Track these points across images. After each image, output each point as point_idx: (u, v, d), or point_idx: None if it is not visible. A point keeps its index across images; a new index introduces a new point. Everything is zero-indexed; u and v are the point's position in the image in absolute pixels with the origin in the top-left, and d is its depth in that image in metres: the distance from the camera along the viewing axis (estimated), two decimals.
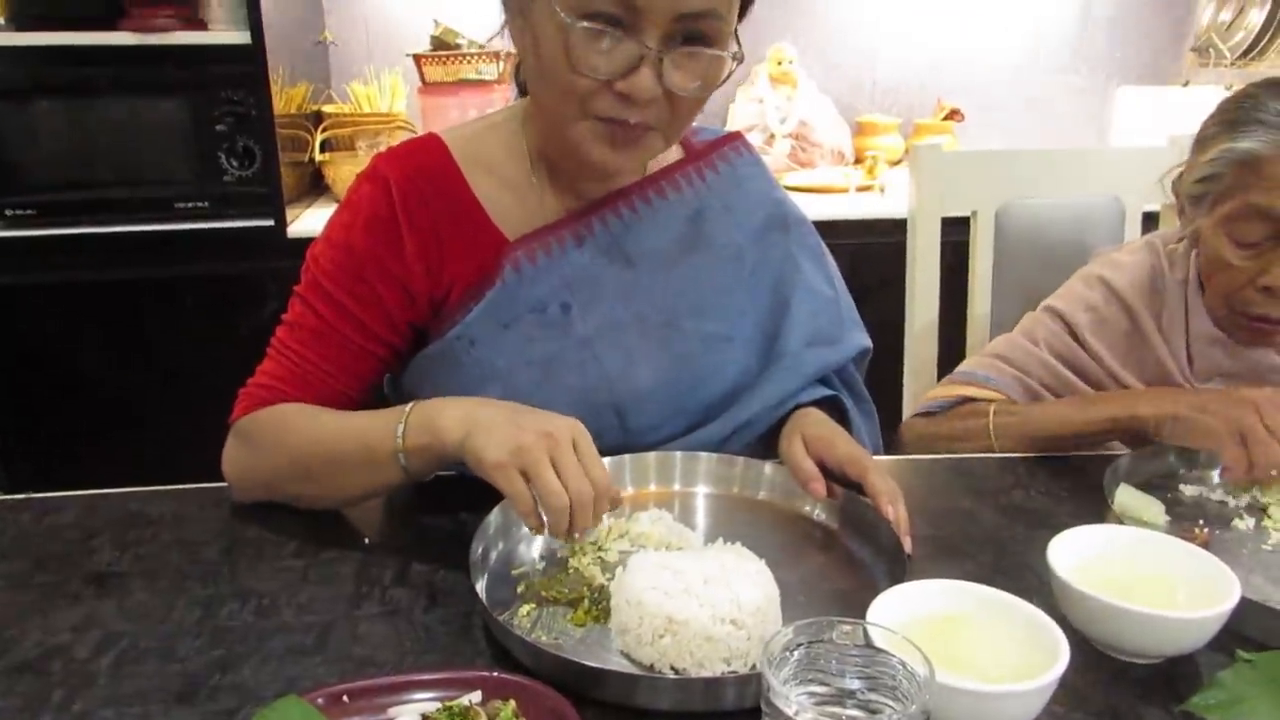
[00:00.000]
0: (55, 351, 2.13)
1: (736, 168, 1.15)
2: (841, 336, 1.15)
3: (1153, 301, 1.22)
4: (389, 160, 1.03)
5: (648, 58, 0.88)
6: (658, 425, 1.07)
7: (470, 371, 1.02)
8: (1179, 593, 0.80)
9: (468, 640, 0.80)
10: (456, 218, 1.03)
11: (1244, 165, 1.09)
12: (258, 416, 1.01)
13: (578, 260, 1.04)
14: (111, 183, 2.07)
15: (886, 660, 0.65)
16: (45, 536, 0.97)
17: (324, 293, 1.01)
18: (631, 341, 1.05)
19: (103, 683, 0.75)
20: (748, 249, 1.12)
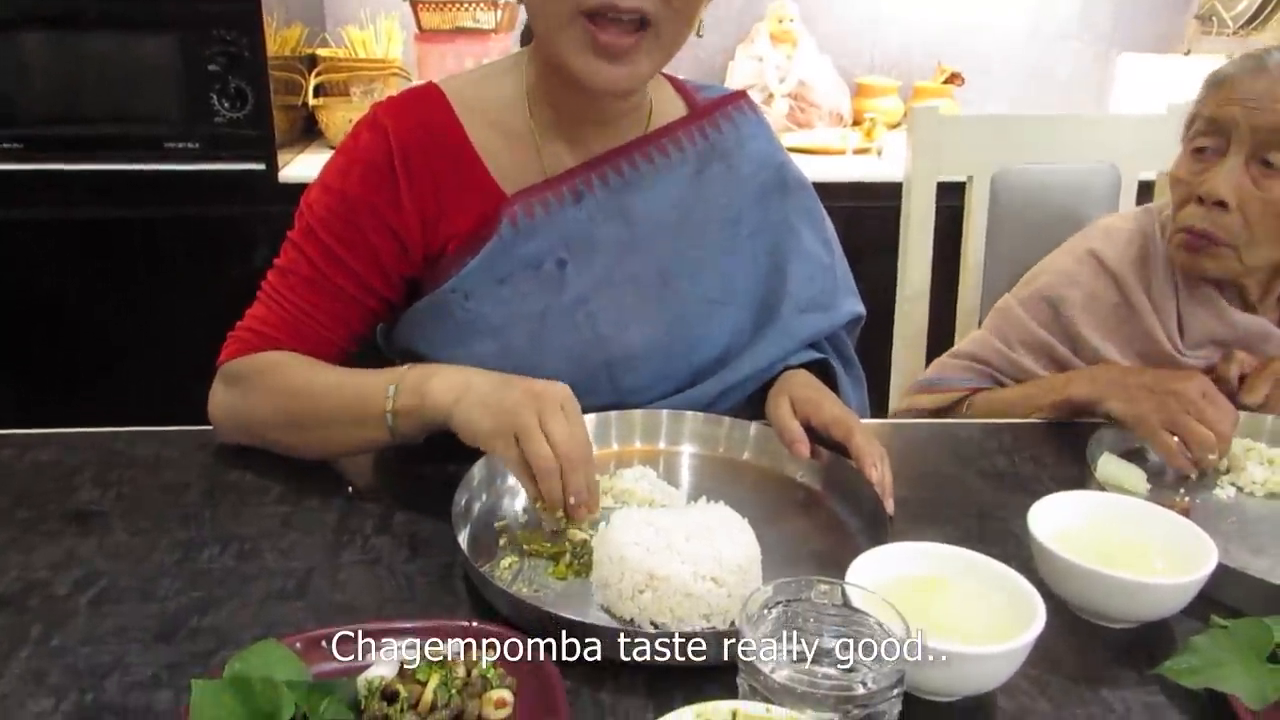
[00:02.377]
0: (40, 287, 2.11)
1: (740, 127, 1.13)
2: (836, 303, 1.15)
3: (1142, 271, 1.22)
4: (389, 109, 1.02)
5: None
6: (649, 385, 1.07)
7: (464, 325, 1.01)
8: (1156, 559, 0.80)
9: (448, 591, 0.81)
10: (455, 170, 1.02)
11: (1216, 84, 1.15)
12: (248, 361, 1.00)
13: (576, 217, 1.03)
14: (101, 119, 2.03)
15: (863, 620, 0.65)
16: (27, 472, 0.97)
17: (317, 239, 1.00)
18: (627, 301, 1.05)
19: (81, 620, 0.76)
20: (747, 211, 1.11)
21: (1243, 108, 1.09)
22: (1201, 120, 1.14)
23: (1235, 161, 1.10)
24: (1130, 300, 1.21)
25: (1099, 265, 1.24)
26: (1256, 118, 1.08)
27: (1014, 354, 1.25)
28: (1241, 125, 1.09)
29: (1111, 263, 1.23)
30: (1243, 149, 1.10)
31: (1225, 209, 1.10)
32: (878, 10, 2.87)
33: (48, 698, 0.67)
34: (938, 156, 1.53)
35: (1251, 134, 1.09)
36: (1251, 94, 1.09)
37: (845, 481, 0.94)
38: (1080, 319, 1.22)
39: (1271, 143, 1.08)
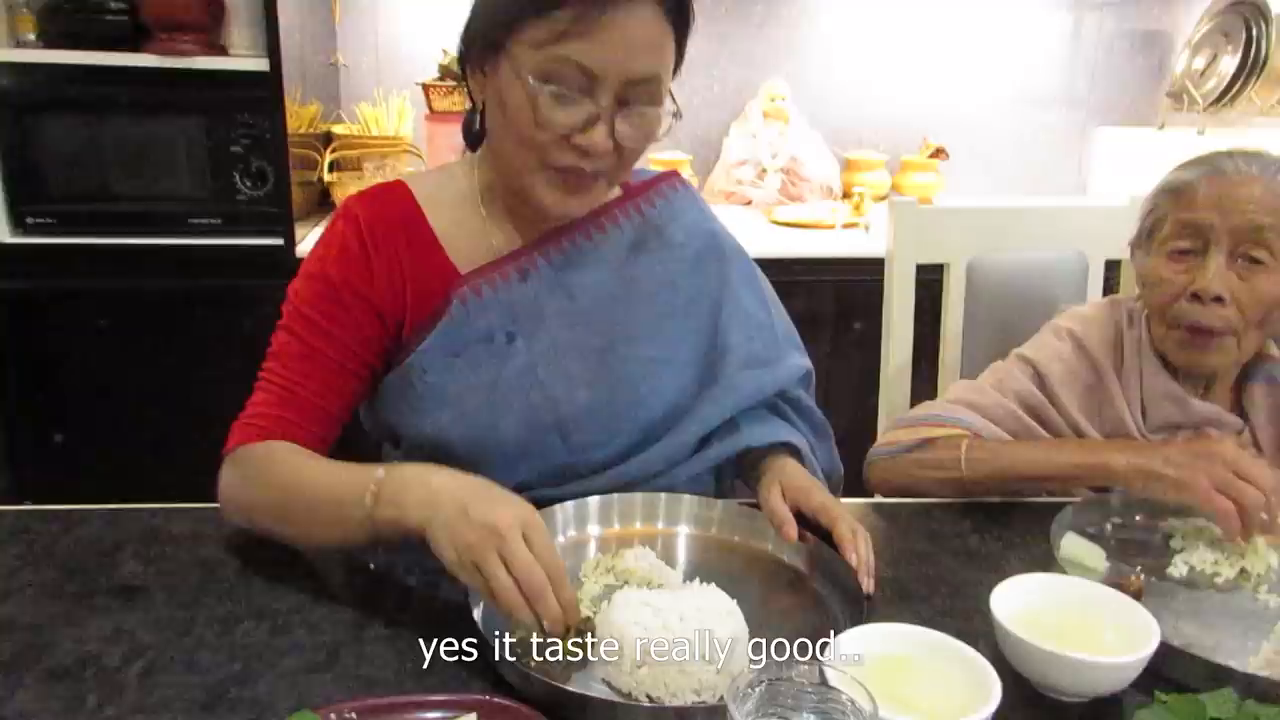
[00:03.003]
0: (68, 357, 2.21)
1: (672, 201, 1.24)
2: (778, 359, 1.23)
3: (1114, 356, 1.31)
4: (359, 200, 1.14)
5: (602, 116, 1.01)
6: (600, 443, 1.15)
7: (424, 397, 1.11)
8: (1108, 637, 0.88)
9: (464, 664, 0.88)
10: (415, 248, 1.13)
11: (1174, 192, 1.24)
12: (248, 450, 1.07)
13: (522, 292, 1.14)
14: (129, 196, 2.15)
15: (837, 697, 0.73)
16: (72, 547, 1.06)
17: (305, 319, 1.10)
18: (572, 366, 1.14)
19: (131, 691, 0.83)
20: (683, 279, 1.21)
21: (1217, 212, 1.18)
22: (1174, 225, 1.23)
23: (1219, 259, 1.19)
24: (1104, 382, 1.30)
25: (1078, 346, 1.32)
26: (1232, 220, 1.18)
27: (1008, 402, 1.30)
28: (1218, 228, 1.18)
29: (1088, 346, 1.32)
30: (1222, 248, 1.19)
31: (1222, 303, 1.18)
32: (866, 88, 3.00)
33: None
34: (917, 244, 1.64)
35: (1229, 235, 1.18)
36: (1220, 199, 1.19)
37: (828, 564, 1.02)
38: (1061, 392, 1.30)
39: (1248, 241, 1.18)
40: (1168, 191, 1.26)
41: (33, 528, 1.09)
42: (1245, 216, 1.17)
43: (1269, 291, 1.18)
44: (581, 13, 0.96)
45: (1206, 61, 2.95)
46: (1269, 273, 1.18)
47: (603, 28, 0.97)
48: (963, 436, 1.27)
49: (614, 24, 0.97)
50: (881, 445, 1.34)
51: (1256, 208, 1.17)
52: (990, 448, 1.25)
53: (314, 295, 1.10)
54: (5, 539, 1.06)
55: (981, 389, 1.34)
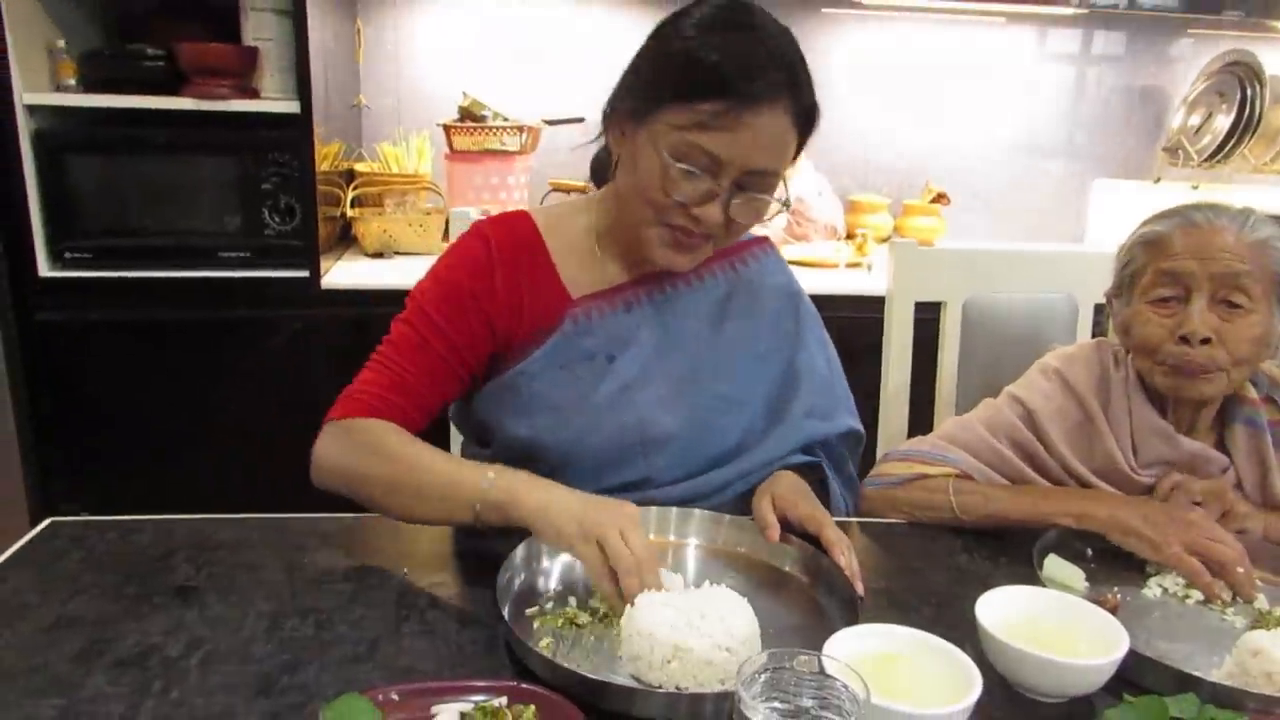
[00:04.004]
0: (102, 383, 2.30)
1: (763, 263, 1.38)
2: (835, 415, 1.36)
3: (1101, 395, 1.37)
4: (490, 223, 1.28)
5: (720, 195, 1.14)
6: (673, 466, 1.27)
7: (528, 402, 1.23)
8: (1081, 645, 0.96)
9: (494, 656, 0.97)
10: (535, 273, 1.26)
11: (1151, 244, 1.31)
12: (359, 423, 1.18)
13: (625, 322, 1.27)
14: (163, 231, 2.25)
15: (834, 684, 0.81)
16: (130, 553, 1.14)
17: (426, 316, 1.22)
18: (661, 393, 1.26)
19: (193, 677, 0.92)
20: (764, 332, 1.34)
21: (1196, 260, 1.26)
22: (1154, 275, 1.29)
23: (1201, 303, 1.26)
24: (1092, 420, 1.35)
25: (1065, 385, 1.38)
26: (1211, 267, 1.25)
27: (999, 444, 1.36)
28: (1198, 275, 1.25)
29: (1076, 385, 1.37)
30: (1204, 294, 1.26)
31: (1210, 344, 1.25)
32: (871, 133, 3.11)
33: None
34: (916, 283, 1.73)
35: (1209, 281, 1.25)
36: (1196, 247, 1.26)
37: (823, 570, 1.11)
38: (1050, 430, 1.35)
39: (1227, 287, 1.25)
40: (1144, 244, 1.32)
41: (90, 536, 1.18)
42: (1223, 264, 1.24)
43: (1250, 332, 1.25)
44: (724, 110, 1.09)
45: (1202, 119, 3.06)
46: (1247, 315, 1.25)
47: (739, 125, 1.10)
48: (951, 476, 1.34)
49: (749, 124, 1.10)
50: (875, 477, 1.41)
51: (1231, 255, 1.25)
52: (982, 493, 1.31)
53: (438, 297, 1.23)
54: (67, 546, 1.15)
55: (973, 427, 1.40)
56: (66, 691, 0.89)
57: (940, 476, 1.34)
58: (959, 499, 1.31)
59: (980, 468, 1.35)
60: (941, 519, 1.32)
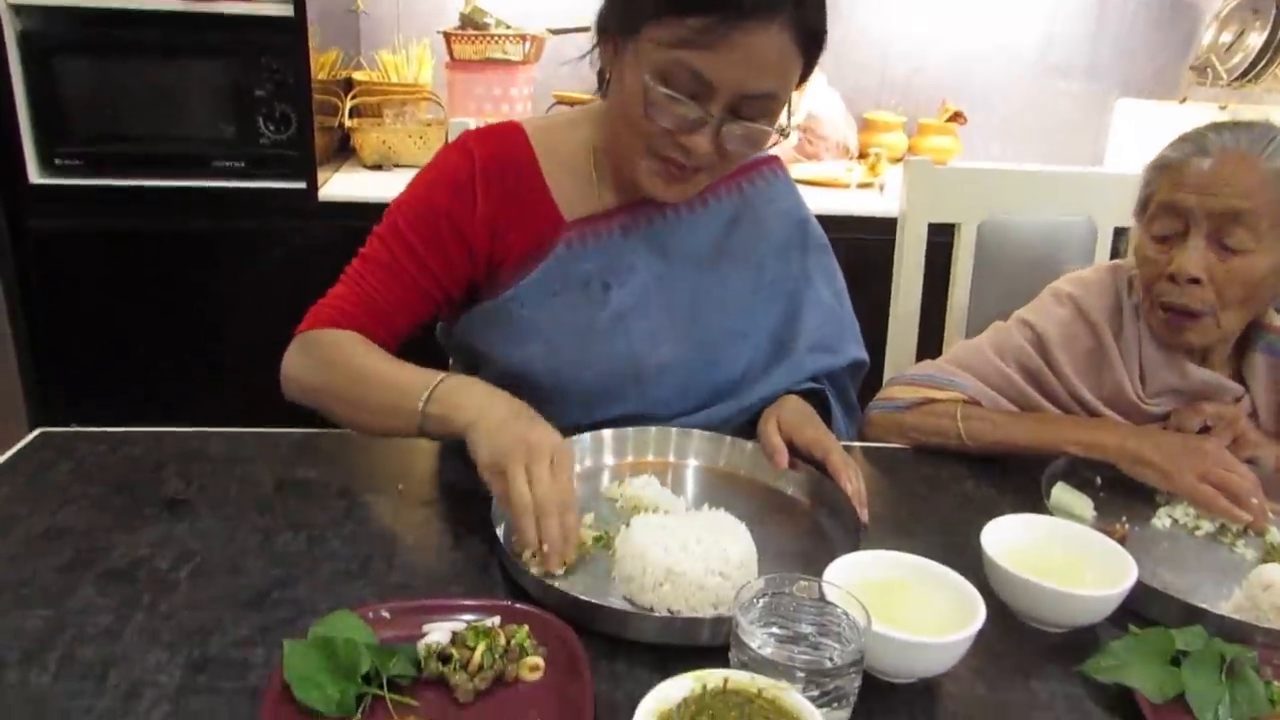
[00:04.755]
0: (93, 294, 2.26)
1: (771, 186, 1.30)
2: (842, 347, 1.31)
3: (1114, 321, 1.33)
4: (477, 137, 1.19)
5: (709, 123, 1.05)
6: (671, 400, 1.22)
7: (517, 329, 1.18)
8: (1089, 575, 0.94)
9: (487, 576, 0.95)
10: (525, 194, 1.18)
11: (1163, 170, 1.24)
12: (322, 334, 1.14)
13: (622, 247, 1.20)
14: (155, 139, 2.19)
15: (834, 611, 0.79)
16: (120, 465, 1.12)
17: (401, 236, 1.16)
18: (659, 323, 1.21)
19: (183, 590, 0.90)
20: (770, 261, 1.28)
21: (1196, 195, 1.19)
22: (1157, 206, 1.23)
23: (1197, 241, 1.20)
24: (1103, 347, 1.32)
25: (1078, 311, 1.34)
26: (1210, 204, 1.18)
27: (1007, 369, 1.33)
28: (1197, 211, 1.19)
29: (1088, 311, 1.34)
30: (1201, 231, 1.19)
31: (1198, 284, 1.20)
32: (887, 47, 3.01)
33: (163, 652, 0.82)
34: (930, 204, 1.68)
35: (1207, 219, 1.19)
36: (1201, 180, 1.19)
37: (826, 495, 1.09)
38: (1060, 356, 1.32)
39: (1226, 226, 1.18)
40: (1158, 168, 1.26)
41: (80, 447, 1.15)
42: (1225, 201, 1.17)
43: (1248, 274, 1.19)
44: (710, 25, 0.99)
45: (1234, 36, 2.94)
46: (1249, 255, 1.18)
47: (727, 43, 0.99)
48: (959, 402, 1.31)
49: (740, 41, 0.99)
50: (880, 401, 1.38)
51: (1235, 191, 1.17)
52: (990, 419, 1.28)
53: (415, 216, 1.16)
54: (56, 457, 1.13)
55: (981, 351, 1.37)
56: (54, 602, 0.87)
57: (947, 402, 1.32)
58: (966, 425, 1.28)
59: (988, 393, 1.32)
60: (947, 445, 1.29)
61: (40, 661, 0.80)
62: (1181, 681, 0.82)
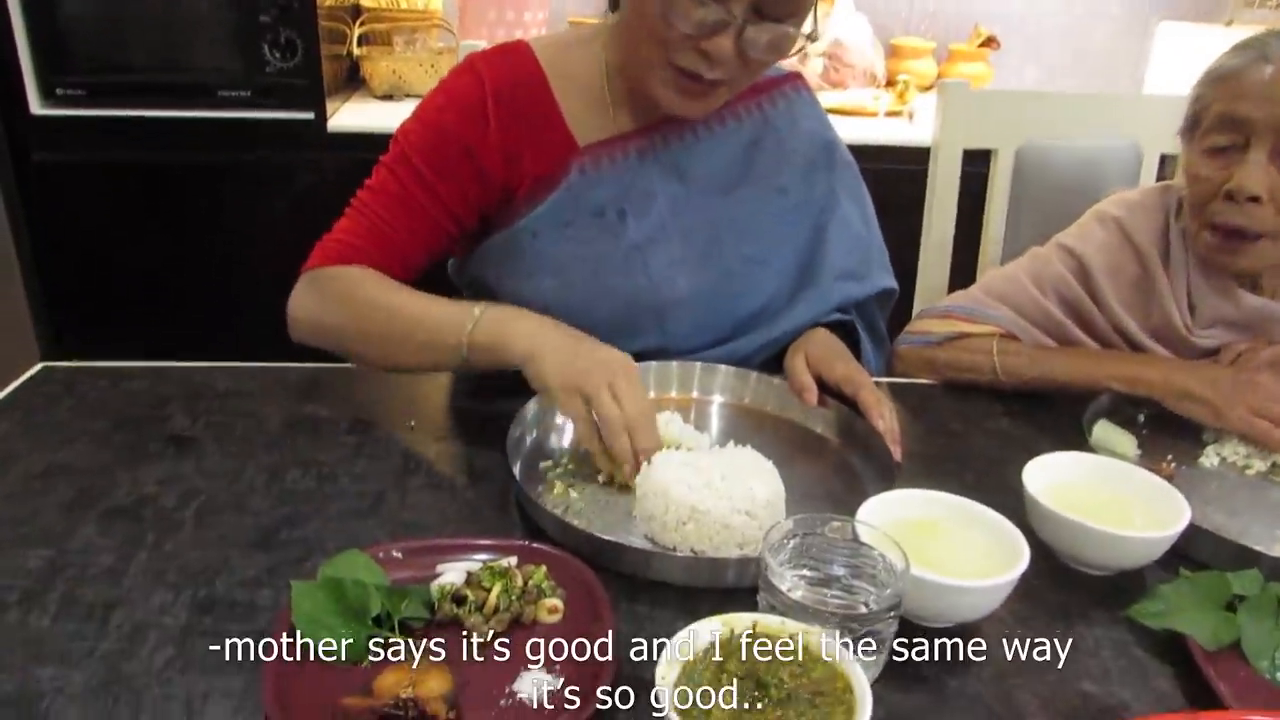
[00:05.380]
0: (97, 227, 2.22)
1: (795, 105, 1.22)
2: (869, 274, 1.24)
3: (1161, 246, 1.26)
4: (485, 59, 1.12)
5: (732, 24, 0.98)
6: (691, 334, 1.17)
7: (530, 261, 1.12)
8: (1136, 516, 0.89)
9: (504, 514, 0.91)
10: (536, 119, 1.12)
11: (1220, 80, 1.15)
12: (333, 271, 1.09)
13: (639, 172, 1.14)
14: (159, 68, 2.12)
15: (869, 553, 0.75)
16: (123, 401, 1.09)
17: (410, 164, 1.10)
18: (677, 253, 1.15)
19: (188, 529, 0.87)
20: (794, 184, 1.20)
21: (1258, 105, 1.10)
22: (1214, 118, 1.15)
23: (1258, 156, 1.11)
24: (1150, 275, 1.24)
25: (1124, 236, 1.27)
26: (1274, 115, 1.09)
27: (1045, 300, 1.27)
28: (1260, 123, 1.10)
29: (1135, 236, 1.26)
30: (1264, 145, 1.11)
31: (1258, 203, 1.11)
32: None
33: (168, 592, 0.79)
34: (965, 129, 1.60)
35: (1272, 133, 1.10)
36: (1263, 90, 1.10)
37: (857, 432, 1.04)
38: (1105, 285, 1.25)
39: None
40: (1214, 79, 1.16)
41: (82, 382, 1.12)
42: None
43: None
44: None
45: None
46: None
47: None
48: (994, 336, 1.25)
49: None
50: (910, 334, 1.32)
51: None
52: (1027, 354, 1.22)
53: (424, 144, 1.10)
54: (58, 393, 1.10)
55: (1017, 280, 1.29)
56: (55, 542, 0.84)
57: (982, 336, 1.25)
58: (1002, 360, 1.22)
59: (1024, 325, 1.26)
60: (981, 381, 1.24)
61: (40, 602, 0.77)
62: (1237, 627, 0.78)
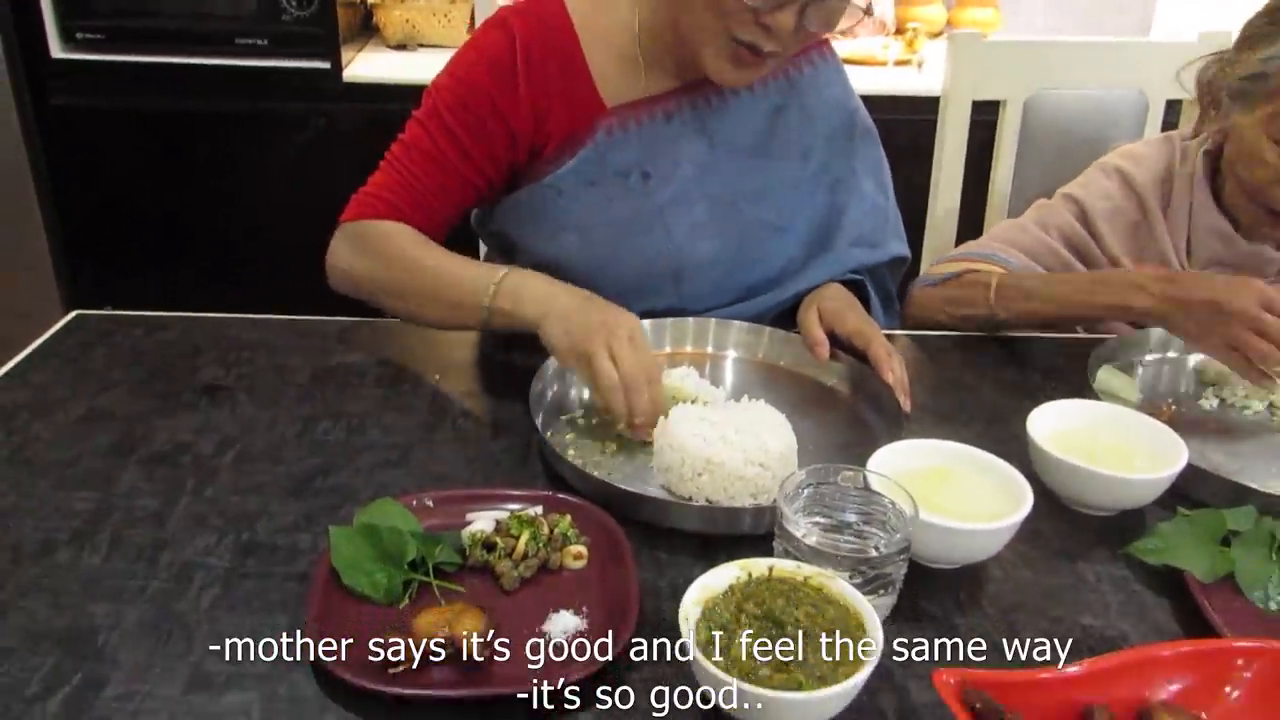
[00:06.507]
0: (114, 173, 2.25)
1: (820, 72, 1.24)
2: (884, 242, 1.27)
3: (1162, 191, 1.30)
4: (515, 13, 1.14)
5: (796, 1, 0.99)
6: (707, 295, 1.20)
7: (555, 219, 1.15)
8: (1137, 458, 0.93)
9: (527, 466, 0.95)
10: (565, 76, 1.13)
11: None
12: (370, 225, 1.13)
13: (664, 134, 1.16)
14: (176, 14, 2.13)
15: (879, 500, 0.79)
16: (156, 349, 1.12)
17: (441, 120, 1.12)
18: (699, 216, 1.17)
19: (226, 475, 0.91)
20: (815, 151, 1.22)
21: None
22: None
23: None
24: (1149, 219, 1.29)
25: (1126, 184, 1.31)
26: None
27: (1049, 239, 1.31)
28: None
29: (1137, 183, 1.30)
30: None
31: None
32: None
33: (210, 535, 0.83)
34: (974, 79, 1.60)
35: None
36: None
37: (867, 385, 1.07)
38: (1104, 228, 1.30)
39: None
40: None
41: (116, 331, 1.15)
42: None
43: None
44: None
45: None
46: None
47: None
48: (996, 273, 1.27)
49: None
50: (925, 276, 1.35)
51: None
52: (1020, 285, 1.24)
53: (455, 100, 1.12)
54: (93, 340, 1.13)
55: (1024, 226, 1.34)
56: (101, 485, 0.89)
57: (985, 271, 1.28)
58: (998, 294, 1.23)
59: (1031, 265, 1.29)
60: (978, 316, 1.25)
61: (91, 542, 0.81)
62: (1231, 561, 0.82)
